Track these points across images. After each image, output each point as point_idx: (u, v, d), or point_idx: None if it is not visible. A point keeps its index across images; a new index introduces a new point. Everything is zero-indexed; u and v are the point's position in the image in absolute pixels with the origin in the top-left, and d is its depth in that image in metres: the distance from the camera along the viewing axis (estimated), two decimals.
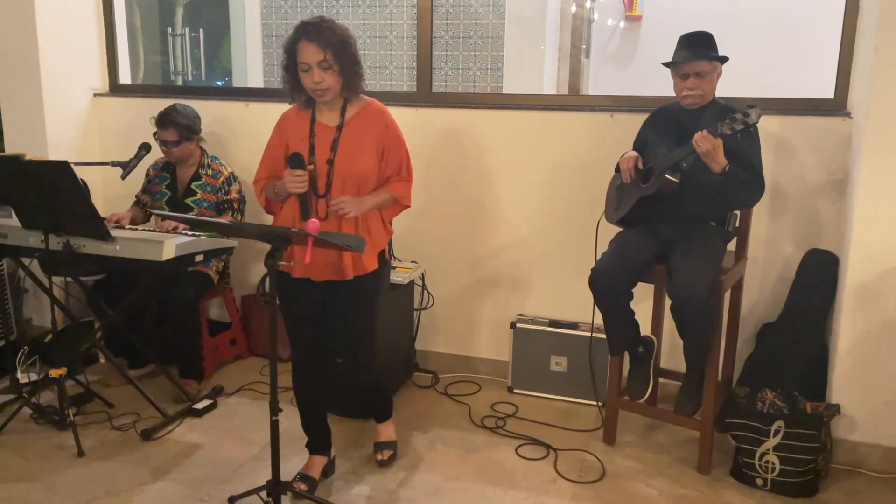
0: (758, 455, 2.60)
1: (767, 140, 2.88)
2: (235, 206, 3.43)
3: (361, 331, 2.55)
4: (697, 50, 2.61)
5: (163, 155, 3.42)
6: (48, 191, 2.71)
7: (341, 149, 2.41)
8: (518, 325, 3.36)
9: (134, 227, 3.27)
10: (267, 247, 2.13)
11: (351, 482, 2.65)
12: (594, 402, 3.21)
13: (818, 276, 2.93)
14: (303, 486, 2.53)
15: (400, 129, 2.52)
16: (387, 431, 2.83)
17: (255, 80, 6.51)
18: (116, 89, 4.02)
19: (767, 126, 2.89)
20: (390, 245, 2.72)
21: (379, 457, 2.75)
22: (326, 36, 2.31)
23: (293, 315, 2.52)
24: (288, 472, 2.49)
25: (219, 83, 6.92)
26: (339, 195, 2.39)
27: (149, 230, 3.12)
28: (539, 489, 2.62)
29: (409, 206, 2.58)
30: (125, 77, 4.09)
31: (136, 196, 3.59)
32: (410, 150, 2.58)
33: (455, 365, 3.62)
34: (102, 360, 3.59)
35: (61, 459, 2.75)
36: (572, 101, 3.94)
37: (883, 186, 2.62)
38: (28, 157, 2.76)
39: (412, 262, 3.50)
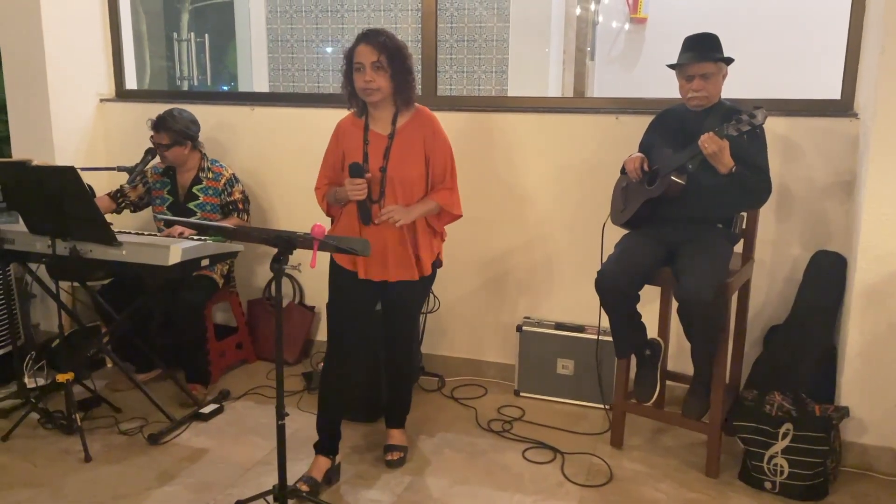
0: (766, 458, 2.58)
1: (774, 141, 2.87)
2: (240, 206, 3.44)
3: (410, 330, 2.74)
4: (702, 51, 2.60)
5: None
6: (55, 196, 2.72)
7: (393, 157, 2.52)
8: (524, 328, 3.35)
9: (131, 229, 3.29)
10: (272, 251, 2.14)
11: (357, 486, 2.64)
12: (601, 406, 3.19)
13: (826, 277, 2.92)
14: (305, 487, 2.53)
15: (447, 138, 2.60)
16: (400, 436, 2.85)
17: (261, 84, 6.52)
18: (122, 94, 4.04)
19: (774, 127, 2.88)
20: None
21: (389, 457, 2.76)
22: (383, 41, 2.45)
23: (341, 310, 2.61)
24: (294, 476, 2.49)
25: (224, 88, 6.94)
26: (391, 202, 2.51)
27: (155, 235, 3.12)
28: (546, 493, 2.61)
29: (460, 215, 2.65)
30: (131, 82, 4.11)
31: (120, 185, 3.50)
32: None
33: (461, 368, 3.62)
34: (109, 365, 3.61)
35: (68, 464, 2.76)
36: (577, 103, 3.94)
37: (891, 187, 2.60)
38: (35, 162, 2.78)
39: None
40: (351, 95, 2.55)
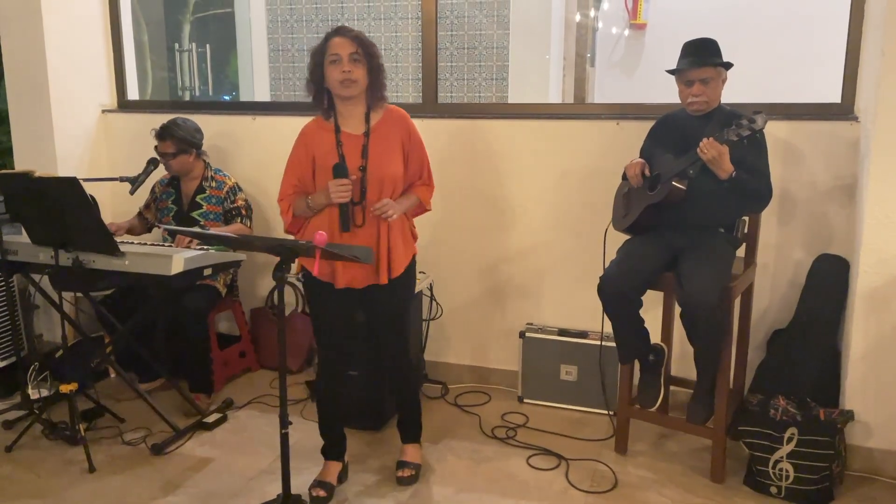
0: (771, 463, 2.57)
1: (775, 145, 2.87)
2: (244, 212, 3.45)
3: (400, 336, 2.65)
4: (701, 56, 2.61)
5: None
6: (57, 207, 2.72)
7: (372, 154, 2.45)
8: (527, 334, 3.35)
9: (134, 239, 3.31)
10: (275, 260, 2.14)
11: (361, 495, 2.64)
12: (605, 412, 3.19)
13: (829, 281, 2.91)
14: (322, 493, 2.54)
15: (420, 135, 2.58)
16: (414, 453, 2.79)
17: (262, 94, 6.55)
18: (124, 105, 4.06)
19: (774, 131, 2.88)
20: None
21: (400, 473, 2.70)
22: (357, 34, 2.42)
23: (325, 322, 2.57)
24: (298, 484, 2.48)
25: (226, 98, 6.97)
26: (376, 200, 2.43)
27: (158, 244, 3.13)
28: (551, 499, 2.61)
29: (429, 210, 2.64)
30: (133, 93, 4.13)
31: (139, 209, 3.63)
32: None
33: (464, 375, 3.61)
34: (113, 375, 3.61)
35: (72, 475, 2.75)
36: (578, 109, 3.95)
37: (892, 190, 2.60)
38: (37, 173, 2.78)
39: (420, 272, 3.48)
40: (316, 97, 2.47)
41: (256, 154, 3.78)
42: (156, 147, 3.38)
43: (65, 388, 2.83)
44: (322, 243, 2.05)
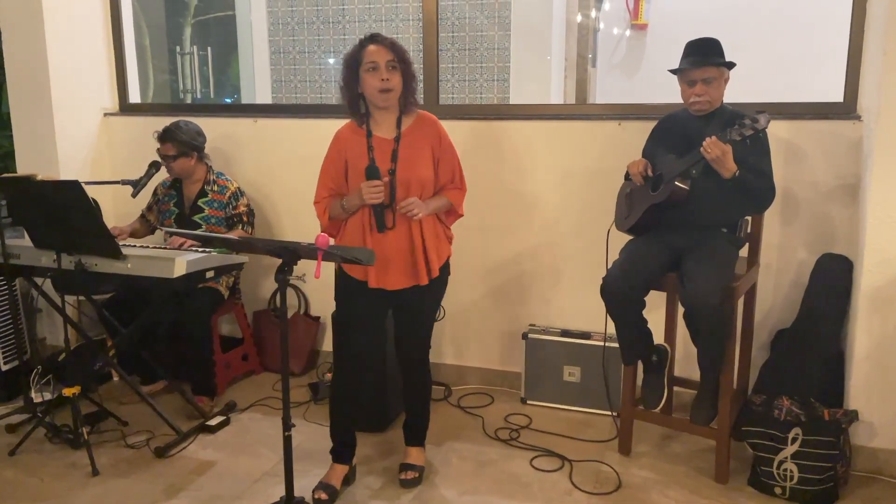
0: (776, 463, 2.57)
1: (777, 145, 2.87)
2: (245, 219, 3.45)
3: (425, 341, 2.68)
4: (704, 56, 2.61)
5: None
6: (60, 210, 2.73)
7: (401, 159, 2.48)
8: (530, 335, 3.34)
9: (136, 242, 3.32)
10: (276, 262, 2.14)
11: (365, 497, 2.63)
12: (608, 413, 3.18)
13: (832, 280, 2.91)
14: (324, 496, 2.54)
15: (451, 140, 2.60)
16: (417, 455, 2.78)
17: (264, 96, 6.55)
18: (126, 108, 4.06)
19: (777, 131, 2.88)
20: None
21: (403, 476, 2.70)
22: (392, 41, 2.46)
23: (353, 323, 2.58)
24: (301, 487, 2.48)
25: (227, 100, 6.97)
26: (401, 208, 2.45)
27: (160, 247, 3.13)
28: (555, 501, 2.60)
29: (462, 215, 2.65)
30: (135, 96, 4.13)
31: (141, 211, 3.63)
32: None
33: (467, 377, 3.61)
34: (116, 379, 3.61)
35: (76, 479, 2.75)
36: (580, 109, 3.93)
37: (895, 189, 2.59)
38: (39, 177, 2.79)
39: None
40: (351, 104, 2.51)
41: (259, 157, 3.78)
42: (158, 149, 3.39)
43: (68, 392, 2.84)
44: (324, 245, 2.04)
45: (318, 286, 3.70)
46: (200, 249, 3.00)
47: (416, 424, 2.79)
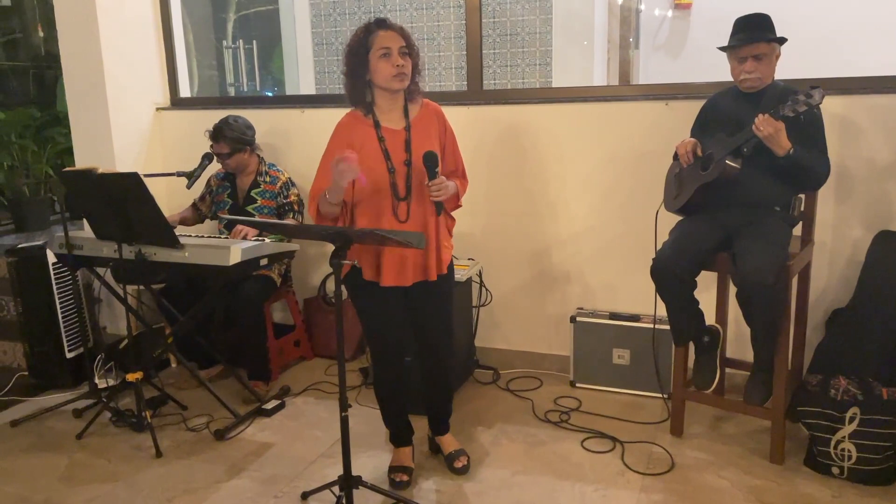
0: (833, 443, 2.53)
1: (831, 121, 2.81)
2: (296, 207, 3.52)
3: (446, 328, 2.61)
4: (755, 32, 2.56)
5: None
6: (120, 202, 2.82)
7: (415, 148, 2.41)
8: (578, 318, 3.34)
9: (190, 231, 3.43)
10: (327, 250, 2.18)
11: (417, 477, 2.68)
12: (659, 395, 3.17)
13: (889, 258, 2.84)
14: (404, 477, 2.60)
15: (453, 129, 2.58)
16: (453, 441, 2.79)
17: (308, 88, 6.64)
18: (177, 103, 4.16)
19: (830, 107, 2.81)
20: None
21: (457, 464, 2.69)
22: (401, 27, 2.40)
23: (374, 319, 2.53)
24: (357, 467, 2.53)
25: (268, 93, 7.08)
26: (432, 188, 2.34)
27: (214, 236, 3.22)
28: (607, 481, 2.61)
29: (460, 206, 2.60)
30: (185, 91, 4.23)
31: (193, 200, 3.72)
32: (464, 147, 2.62)
33: (515, 361, 3.63)
34: (174, 365, 3.73)
35: (141, 460, 2.86)
36: (625, 91, 3.91)
37: None
38: (100, 170, 2.88)
39: (469, 259, 3.52)
40: (355, 92, 2.40)
41: (305, 148, 3.84)
42: (211, 146, 3.47)
43: (131, 377, 2.94)
44: (354, 163, 2.18)
45: None
46: (257, 238, 3.07)
47: (441, 418, 2.77)
